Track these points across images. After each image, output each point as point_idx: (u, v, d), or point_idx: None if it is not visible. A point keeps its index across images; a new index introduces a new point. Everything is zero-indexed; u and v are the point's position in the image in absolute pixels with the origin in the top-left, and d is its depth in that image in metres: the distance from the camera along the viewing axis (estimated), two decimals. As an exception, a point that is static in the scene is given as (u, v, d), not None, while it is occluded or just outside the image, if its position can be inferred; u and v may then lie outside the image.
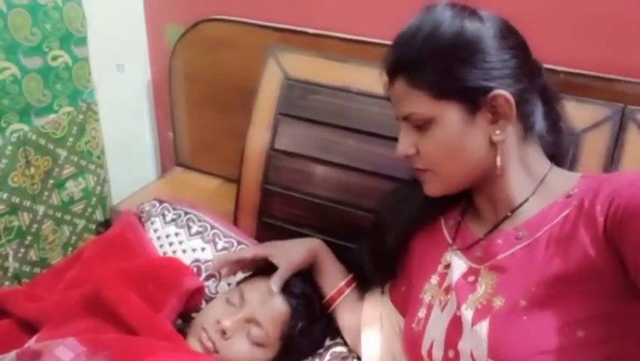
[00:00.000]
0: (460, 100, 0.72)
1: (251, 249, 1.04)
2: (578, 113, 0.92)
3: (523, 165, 0.75)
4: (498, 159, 0.73)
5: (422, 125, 0.74)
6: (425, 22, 0.73)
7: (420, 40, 0.73)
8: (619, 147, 0.91)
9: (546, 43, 0.76)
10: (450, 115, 0.72)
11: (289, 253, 0.96)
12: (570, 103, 0.91)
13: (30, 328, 0.91)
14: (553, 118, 0.80)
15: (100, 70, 1.32)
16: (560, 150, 0.82)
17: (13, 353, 0.77)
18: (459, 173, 0.75)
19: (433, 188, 0.78)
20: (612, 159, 0.91)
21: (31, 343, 0.84)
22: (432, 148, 0.74)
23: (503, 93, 0.70)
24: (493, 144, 0.73)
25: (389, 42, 1.10)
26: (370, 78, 1.10)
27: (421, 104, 0.73)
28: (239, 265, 0.98)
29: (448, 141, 0.73)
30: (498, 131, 0.72)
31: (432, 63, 0.72)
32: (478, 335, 0.69)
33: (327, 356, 0.94)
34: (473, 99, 0.71)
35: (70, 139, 1.26)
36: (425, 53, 0.72)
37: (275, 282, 0.92)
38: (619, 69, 0.97)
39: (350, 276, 0.99)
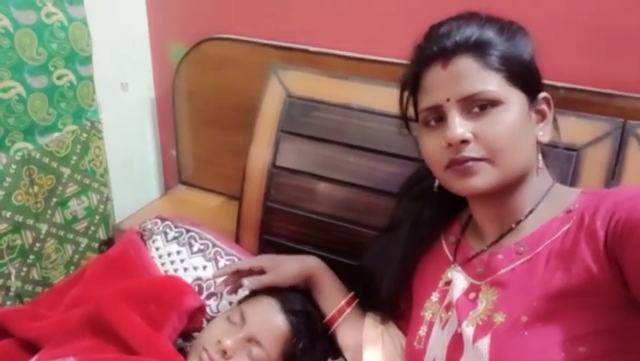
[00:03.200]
0: (526, 92, 0.72)
1: (248, 260, 1.04)
2: (578, 128, 0.92)
3: (536, 176, 0.75)
4: (540, 157, 0.74)
5: (483, 108, 0.70)
6: (474, 12, 0.74)
7: (495, 24, 0.73)
8: (620, 161, 0.91)
9: (546, 58, 0.76)
10: (516, 103, 0.71)
11: (282, 267, 0.97)
12: (570, 118, 0.92)
13: (31, 347, 0.91)
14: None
15: (104, 88, 1.33)
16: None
17: (13, 373, 0.77)
18: (516, 165, 0.71)
19: (486, 179, 0.70)
20: (613, 174, 0.91)
21: (32, 362, 0.84)
22: (497, 131, 0.69)
23: (548, 95, 0.73)
24: (537, 145, 0.74)
25: (390, 60, 1.13)
26: (371, 95, 1.11)
27: (495, 84, 0.70)
28: (237, 276, 0.98)
29: (513, 127, 0.70)
30: (541, 133, 0.74)
31: (514, 48, 0.72)
32: (479, 352, 0.68)
33: (329, 376, 0.93)
34: (534, 94, 0.73)
35: (74, 157, 1.27)
36: (505, 37, 0.72)
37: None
38: (619, 84, 0.97)
39: (350, 294, 0.98)
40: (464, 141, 0.70)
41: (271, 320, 0.91)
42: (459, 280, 0.78)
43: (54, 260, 1.27)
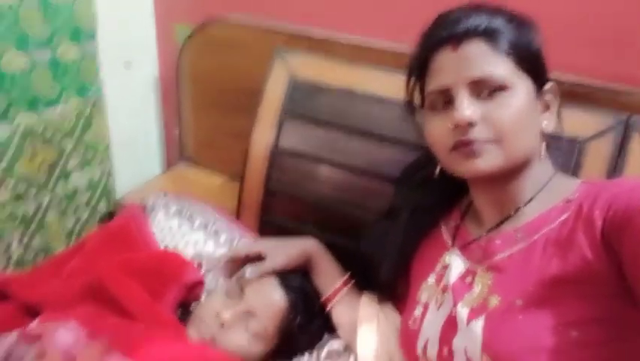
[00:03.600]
0: (533, 78, 0.73)
1: (244, 246, 1.05)
2: (582, 121, 0.93)
3: (538, 165, 0.76)
4: (543, 146, 0.75)
5: (492, 91, 0.71)
6: (481, 2, 0.75)
7: (504, 13, 0.74)
8: (622, 155, 0.91)
9: (552, 52, 0.77)
10: (524, 89, 0.72)
11: (280, 252, 0.97)
12: (575, 111, 0.92)
13: (32, 312, 0.92)
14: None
15: (108, 66, 1.34)
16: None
17: (14, 334, 0.78)
18: (521, 148, 0.72)
19: (492, 161, 0.71)
20: (615, 168, 0.91)
21: (33, 325, 0.85)
22: (504, 114, 0.70)
23: (555, 85, 0.74)
24: (541, 133, 0.75)
25: (394, 45, 1.14)
26: (375, 81, 1.12)
27: (504, 68, 0.71)
28: (235, 263, 0.99)
29: (520, 111, 0.71)
30: (546, 122, 0.75)
31: (525, 35, 0.73)
32: (472, 333, 0.70)
33: (324, 352, 0.94)
34: (541, 82, 0.74)
35: (77, 131, 1.28)
36: (515, 24, 0.73)
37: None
38: (624, 79, 0.98)
39: (347, 275, 0.99)
40: (471, 124, 0.70)
41: (269, 295, 0.92)
42: (456, 264, 0.79)
43: (55, 230, 1.28)
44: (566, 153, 0.92)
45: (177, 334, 0.84)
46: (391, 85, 1.00)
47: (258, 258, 0.98)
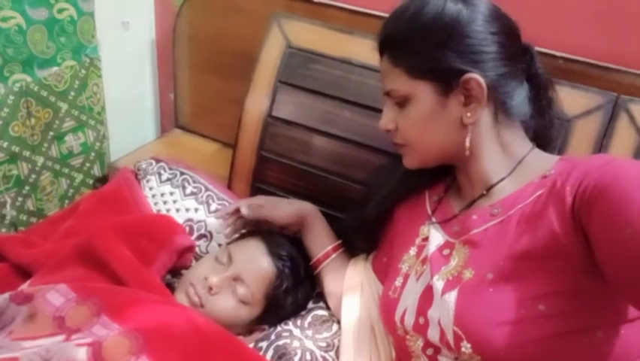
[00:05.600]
0: (434, 80, 0.74)
1: (247, 199, 1.08)
2: (571, 99, 0.93)
3: (500, 146, 0.77)
4: (467, 139, 0.76)
5: (401, 103, 0.78)
6: (414, 1, 0.76)
7: (405, 19, 0.76)
8: (609, 135, 0.92)
9: (547, 28, 0.77)
10: (424, 94, 0.75)
11: (279, 204, 1.03)
12: (564, 89, 0.92)
13: (24, 273, 0.94)
14: (542, 104, 0.82)
15: (105, 26, 1.32)
16: (546, 134, 0.84)
17: (6, 295, 0.80)
18: (431, 150, 0.80)
19: (410, 161, 0.83)
20: (601, 147, 0.92)
21: (24, 286, 0.87)
22: (407, 125, 0.79)
23: (476, 77, 0.72)
24: (464, 125, 0.75)
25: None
26: (372, 51, 1.10)
27: (399, 81, 0.77)
28: (237, 214, 1.03)
29: (421, 119, 0.77)
30: (469, 114, 0.75)
31: (411, 43, 0.75)
32: (446, 304, 0.72)
33: (309, 318, 0.97)
34: (446, 81, 0.74)
35: (72, 93, 1.27)
36: (407, 33, 0.75)
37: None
38: (616, 58, 0.98)
39: (338, 241, 1.02)
40: (388, 130, 0.81)
41: (257, 262, 0.94)
42: (435, 237, 0.81)
43: (49, 193, 1.29)
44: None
45: (163, 298, 0.86)
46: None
47: (255, 222, 1.03)
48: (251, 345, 0.91)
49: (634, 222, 0.57)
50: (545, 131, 0.83)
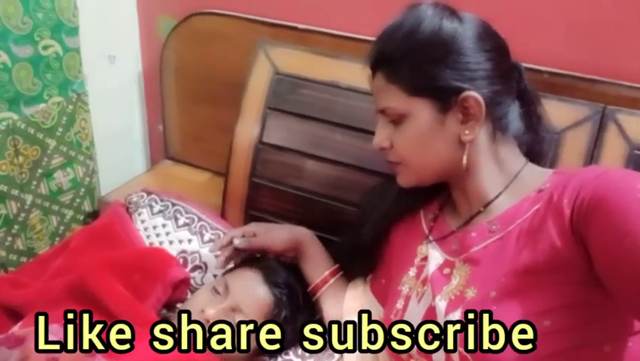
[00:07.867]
0: (432, 98, 0.74)
1: (241, 228, 1.06)
2: (559, 112, 0.94)
3: (495, 163, 0.77)
4: (464, 157, 0.75)
5: (396, 120, 0.77)
6: (407, 19, 0.75)
7: (400, 36, 0.75)
8: (598, 145, 0.93)
9: (531, 43, 0.78)
10: (422, 112, 0.75)
11: (273, 232, 1.00)
12: (552, 102, 0.93)
13: (15, 315, 0.92)
14: (532, 119, 0.82)
15: (91, 61, 1.32)
16: (538, 149, 0.84)
17: (-3, 338, 0.77)
18: (428, 168, 0.79)
19: (405, 180, 0.82)
20: (591, 158, 0.93)
21: (15, 329, 0.85)
22: (403, 143, 0.77)
23: (474, 95, 0.72)
24: (462, 143, 0.75)
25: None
26: (359, 74, 1.10)
27: (395, 99, 0.76)
28: (232, 246, 1.00)
29: (419, 137, 0.76)
30: (467, 132, 0.75)
31: (408, 60, 0.74)
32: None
33: (309, 348, 0.95)
34: (445, 98, 0.74)
35: (60, 129, 1.26)
36: (403, 50, 0.75)
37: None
38: (601, 70, 0.99)
39: (335, 266, 1.00)
40: (382, 148, 0.80)
41: (254, 291, 0.93)
42: (434, 256, 0.80)
43: (39, 231, 1.27)
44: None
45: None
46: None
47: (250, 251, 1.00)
48: (252, 377, 0.89)
49: (631, 233, 0.57)
50: (537, 146, 0.84)
